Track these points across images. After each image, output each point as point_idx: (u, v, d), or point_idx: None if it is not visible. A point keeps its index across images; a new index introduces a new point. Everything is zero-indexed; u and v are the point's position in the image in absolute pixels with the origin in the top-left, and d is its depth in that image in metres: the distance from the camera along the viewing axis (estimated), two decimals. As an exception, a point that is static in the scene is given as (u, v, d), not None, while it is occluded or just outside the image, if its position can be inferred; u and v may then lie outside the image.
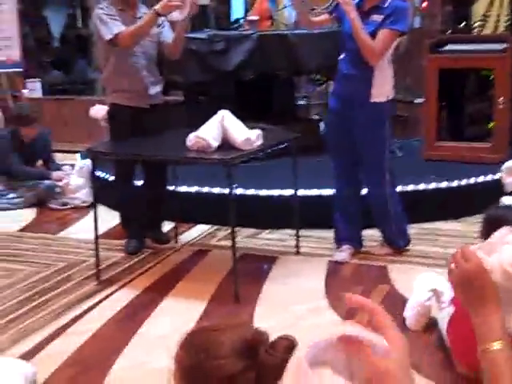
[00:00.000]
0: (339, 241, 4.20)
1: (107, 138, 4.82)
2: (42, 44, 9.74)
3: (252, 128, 4.28)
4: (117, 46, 4.14)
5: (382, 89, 3.87)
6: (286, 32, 5.76)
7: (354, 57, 3.81)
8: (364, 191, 4.22)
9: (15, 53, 6.70)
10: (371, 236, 4.33)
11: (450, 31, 6.12)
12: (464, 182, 4.85)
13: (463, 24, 6.91)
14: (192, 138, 3.68)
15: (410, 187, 4.75)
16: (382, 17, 3.72)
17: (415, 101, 6.21)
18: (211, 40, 5.59)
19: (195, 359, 1.38)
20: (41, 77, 8.56)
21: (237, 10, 7.38)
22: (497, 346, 1.30)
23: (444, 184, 4.80)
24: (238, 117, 5.89)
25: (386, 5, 3.74)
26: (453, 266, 1.39)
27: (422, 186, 4.78)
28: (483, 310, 1.33)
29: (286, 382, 0.98)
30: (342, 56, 3.96)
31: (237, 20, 6.92)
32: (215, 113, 3.91)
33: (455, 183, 4.82)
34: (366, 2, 3.82)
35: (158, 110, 4.39)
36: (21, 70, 6.92)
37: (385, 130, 3.94)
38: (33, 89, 7.93)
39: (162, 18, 4.20)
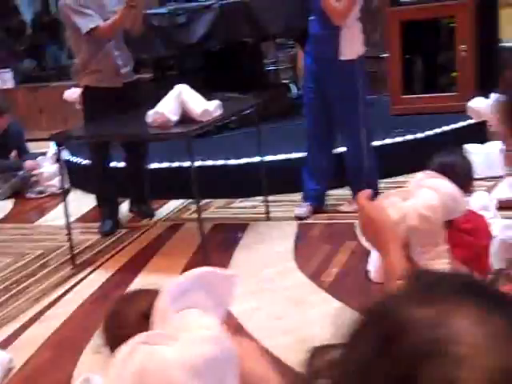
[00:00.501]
0: (304, 198, 4.30)
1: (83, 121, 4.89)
2: (14, 33, 9.67)
3: (215, 98, 4.32)
4: (94, 37, 4.20)
5: (351, 47, 3.96)
6: (247, -1, 5.74)
7: (321, 17, 3.90)
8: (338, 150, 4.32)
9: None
10: (340, 195, 4.38)
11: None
12: (430, 132, 4.88)
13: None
14: (151, 115, 3.72)
15: (377, 142, 4.76)
16: None
17: (382, 55, 6.19)
18: (172, 14, 5.58)
19: (108, 327, 1.59)
20: (15, 66, 8.55)
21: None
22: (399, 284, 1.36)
23: (410, 136, 4.83)
24: (208, 87, 5.95)
25: None
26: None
27: (388, 141, 4.81)
28: (385, 251, 1.39)
29: (153, 324, 1.05)
30: (311, 17, 4.05)
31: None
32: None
33: (422, 135, 4.85)
34: None
35: (131, 88, 4.44)
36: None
37: (357, 87, 4.02)
38: (5, 79, 7.93)
39: None
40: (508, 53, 6.14)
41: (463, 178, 2.71)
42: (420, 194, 1.60)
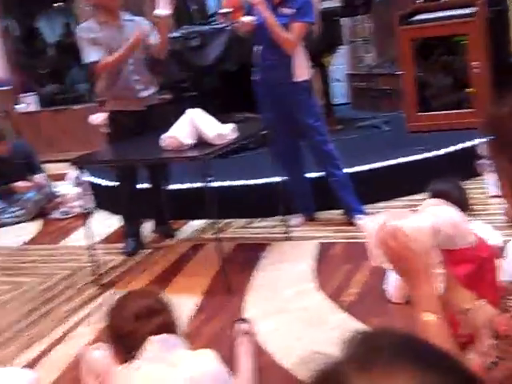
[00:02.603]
0: (296, 211, 4.65)
1: (104, 143, 5.05)
2: (36, 57, 9.87)
3: (233, 119, 4.43)
4: (95, 69, 4.39)
5: (302, 69, 4.27)
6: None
7: (271, 46, 4.16)
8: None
9: (1, 71, 6.84)
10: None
11: (420, 0, 6.16)
12: (449, 149, 4.92)
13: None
14: (165, 139, 3.82)
15: (394, 161, 4.85)
16: (293, 10, 4.10)
17: (397, 72, 6.26)
18: (186, 37, 5.71)
19: (109, 318, 2.01)
20: (37, 89, 8.76)
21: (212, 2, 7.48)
22: (427, 317, 1.42)
23: (430, 153, 4.88)
24: (226, 108, 6.05)
25: None
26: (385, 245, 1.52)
27: (403, 159, 4.86)
28: (414, 281, 1.46)
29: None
30: (258, 47, 4.31)
31: (213, 14, 7.01)
32: (202, 107, 4.06)
33: (442, 151, 4.90)
34: None
35: (153, 111, 4.57)
36: (8, 88, 7.05)
37: (314, 102, 4.39)
38: (29, 102, 8.12)
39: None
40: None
41: (458, 207, 2.76)
42: (413, 217, 1.62)
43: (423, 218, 1.59)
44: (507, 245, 3.32)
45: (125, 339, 1.93)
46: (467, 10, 5.42)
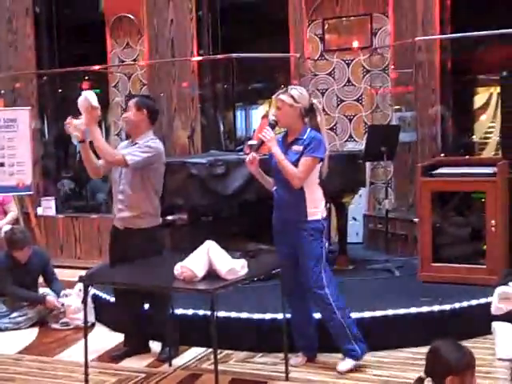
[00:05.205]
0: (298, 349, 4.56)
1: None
2: (63, 161, 10.10)
3: (247, 249, 4.43)
4: None
5: (315, 209, 4.30)
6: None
7: (285, 184, 4.25)
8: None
9: (27, 177, 6.99)
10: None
11: (442, 154, 6.31)
12: (457, 305, 4.86)
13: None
14: (179, 268, 3.83)
15: (402, 310, 4.78)
16: (301, 147, 4.23)
17: (413, 219, 6.31)
18: (211, 164, 5.82)
19: None
20: (57, 194, 8.92)
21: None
22: None
23: (436, 307, 4.82)
24: (241, 236, 6.08)
25: (305, 136, 4.26)
26: None
27: (413, 310, 4.80)
28: None
29: None
30: (274, 185, 4.39)
31: (243, 141, 7.21)
32: (218, 234, 4.10)
33: (448, 306, 4.84)
34: (288, 136, 4.36)
35: (130, 234, 4.64)
36: (31, 193, 7.18)
37: (321, 245, 4.31)
38: (48, 207, 8.25)
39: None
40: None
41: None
42: None
43: None
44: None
45: None
46: (488, 170, 5.49)
